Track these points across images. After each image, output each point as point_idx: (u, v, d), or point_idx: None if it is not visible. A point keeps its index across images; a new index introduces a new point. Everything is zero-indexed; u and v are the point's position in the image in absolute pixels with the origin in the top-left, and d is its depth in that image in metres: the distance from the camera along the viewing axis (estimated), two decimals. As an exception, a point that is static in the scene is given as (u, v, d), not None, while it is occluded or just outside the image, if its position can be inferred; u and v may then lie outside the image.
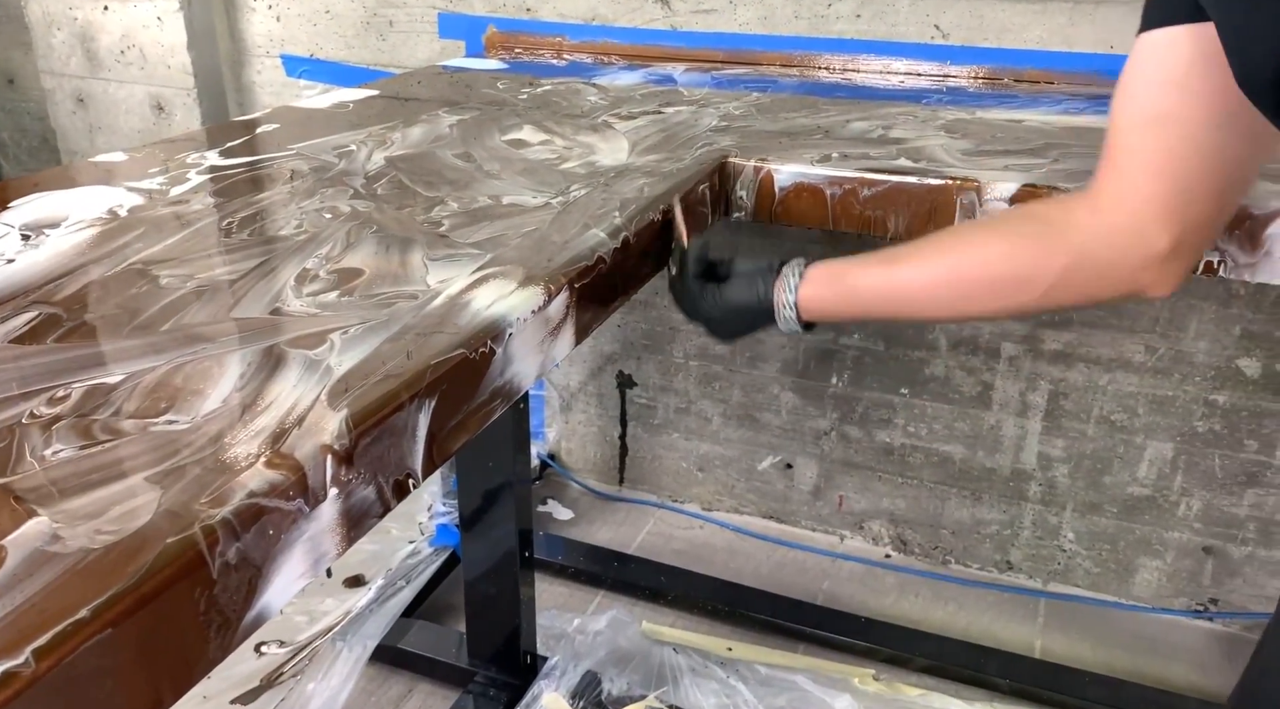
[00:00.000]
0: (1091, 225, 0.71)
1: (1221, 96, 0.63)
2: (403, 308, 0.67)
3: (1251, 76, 0.60)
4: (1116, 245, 0.69)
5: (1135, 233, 0.68)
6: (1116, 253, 0.70)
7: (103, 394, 0.55)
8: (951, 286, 0.78)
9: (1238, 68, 0.60)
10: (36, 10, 1.96)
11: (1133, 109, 0.68)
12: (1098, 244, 0.70)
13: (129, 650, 0.41)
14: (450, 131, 1.13)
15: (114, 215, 0.84)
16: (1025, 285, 0.74)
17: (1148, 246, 0.68)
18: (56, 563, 0.42)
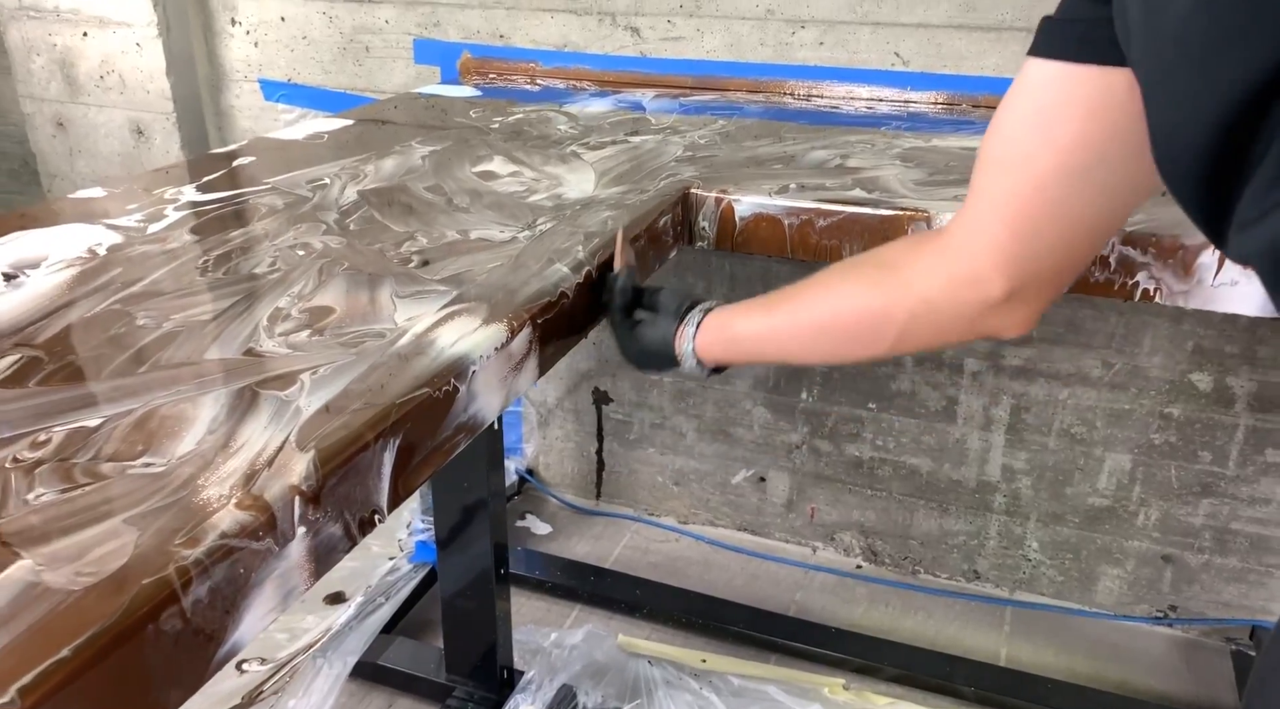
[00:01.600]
0: (934, 270, 0.70)
1: (1082, 149, 0.59)
2: (370, 347, 0.70)
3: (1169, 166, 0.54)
4: (955, 293, 0.68)
5: (972, 281, 0.67)
6: (955, 301, 0.69)
7: (83, 437, 0.59)
8: (815, 334, 0.79)
9: (1157, 151, 0.54)
10: (16, 36, 1.98)
11: (993, 144, 0.65)
12: (938, 291, 0.69)
13: (109, 686, 0.44)
14: (423, 163, 1.17)
15: (93, 254, 0.87)
16: (876, 334, 0.74)
17: (984, 294, 0.67)
18: (40, 604, 0.45)
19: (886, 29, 1.50)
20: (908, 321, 0.72)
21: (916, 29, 1.48)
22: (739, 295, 0.89)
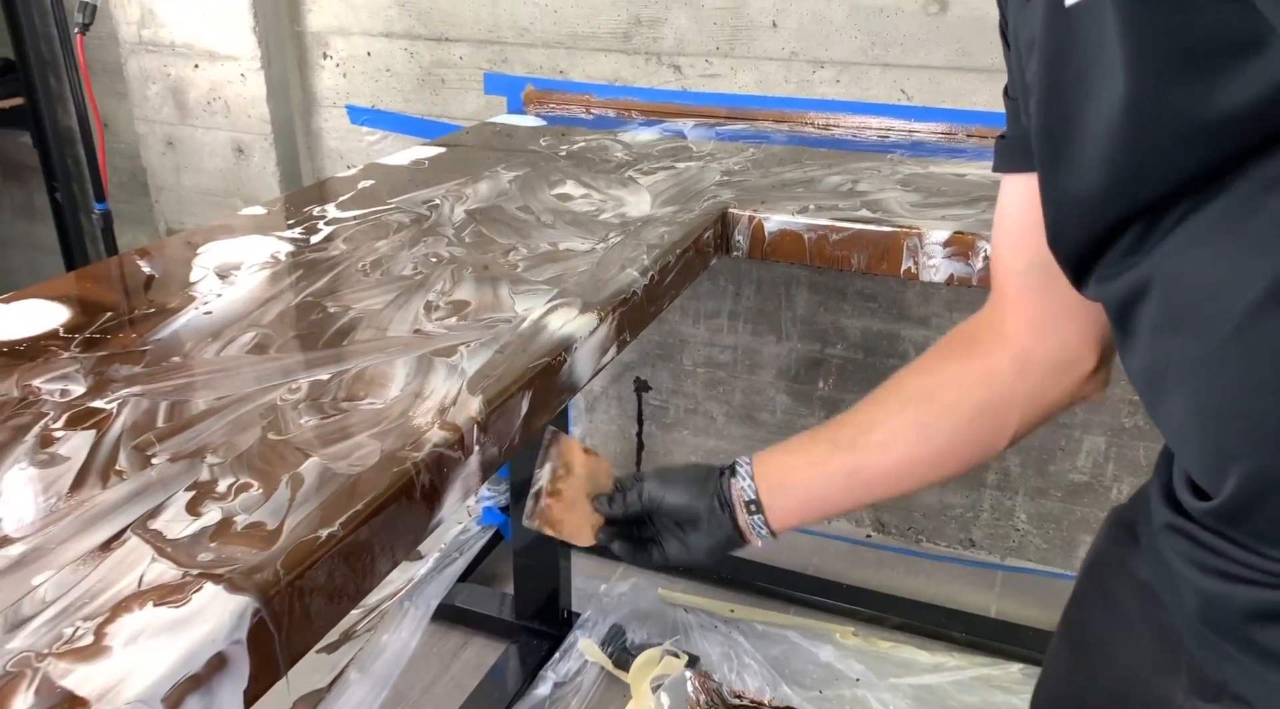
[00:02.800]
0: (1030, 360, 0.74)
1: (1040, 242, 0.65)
2: (502, 329, 0.97)
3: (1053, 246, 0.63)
4: (1054, 379, 0.73)
5: (1069, 364, 0.72)
6: (1055, 385, 0.74)
7: (320, 387, 0.86)
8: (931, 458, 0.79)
9: (1047, 236, 0.63)
10: (135, 67, 2.27)
11: (1000, 254, 0.74)
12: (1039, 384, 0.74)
13: (379, 529, 0.71)
14: (510, 186, 1.44)
15: (276, 260, 1.14)
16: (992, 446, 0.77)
17: (1080, 369, 0.73)
18: (332, 482, 0.72)
19: (894, 69, 1.75)
20: (1020, 423, 0.75)
21: (920, 70, 1.74)
22: (763, 297, 1.15)
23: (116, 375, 0.87)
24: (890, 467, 0.78)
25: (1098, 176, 0.56)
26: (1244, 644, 0.58)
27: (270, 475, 0.72)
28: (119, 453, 0.75)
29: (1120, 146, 0.53)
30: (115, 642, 0.56)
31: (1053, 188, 0.62)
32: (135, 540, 0.65)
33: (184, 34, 2.17)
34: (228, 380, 0.86)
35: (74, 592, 0.60)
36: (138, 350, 0.91)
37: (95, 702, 0.52)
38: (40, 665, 0.54)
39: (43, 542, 0.65)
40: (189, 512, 0.68)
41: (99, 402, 0.82)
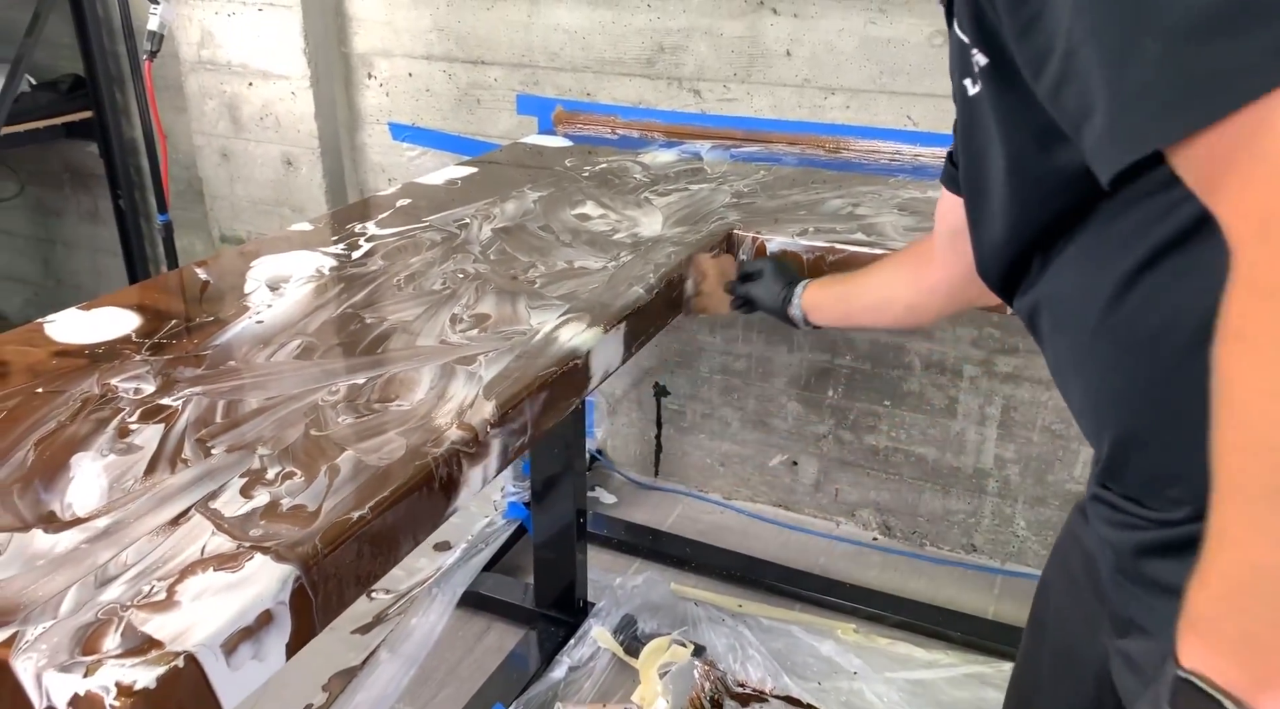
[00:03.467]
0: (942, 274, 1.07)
1: None
2: (518, 340, 1.09)
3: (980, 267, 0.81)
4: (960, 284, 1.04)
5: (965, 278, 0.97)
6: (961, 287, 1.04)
7: (356, 390, 0.98)
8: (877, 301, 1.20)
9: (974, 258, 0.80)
10: (194, 84, 2.43)
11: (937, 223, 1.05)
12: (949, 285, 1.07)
13: (402, 514, 0.83)
14: (535, 206, 1.56)
15: (320, 274, 1.28)
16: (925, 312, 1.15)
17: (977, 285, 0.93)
18: (364, 472, 0.84)
19: (901, 97, 1.85)
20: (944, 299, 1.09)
21: (925, 97, 1.83)
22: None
23: (181, 376, 1.00)
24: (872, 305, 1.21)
25: (999, 227, 0.73)
26: (1139, 579, 0.70)
27: (311, 465, 0.85)
28: (184, 444, 0.88)
29: (1008, 203, 0.70)
30: (184, 598, 0.68)
31: (976, 238, 0.80)
32: (198, 517, 0.78)
33: (240, 54, 2.33)
34: (277, 382, 0.99)
35: (149, 557, 0.73)
36: (199, 354, 1.05)
37: (169, 643, 0.64)
38: (124, 615, 0.67)
39: (123, 517, 0.78)
40: (242, 494, 0.80)
41: (167, 399, 0.95)
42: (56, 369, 1.01)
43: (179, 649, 0.64)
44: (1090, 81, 0.51)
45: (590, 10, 2.02)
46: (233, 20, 2.30)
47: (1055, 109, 0.57)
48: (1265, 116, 0.44)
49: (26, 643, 0.64)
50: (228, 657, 0.66)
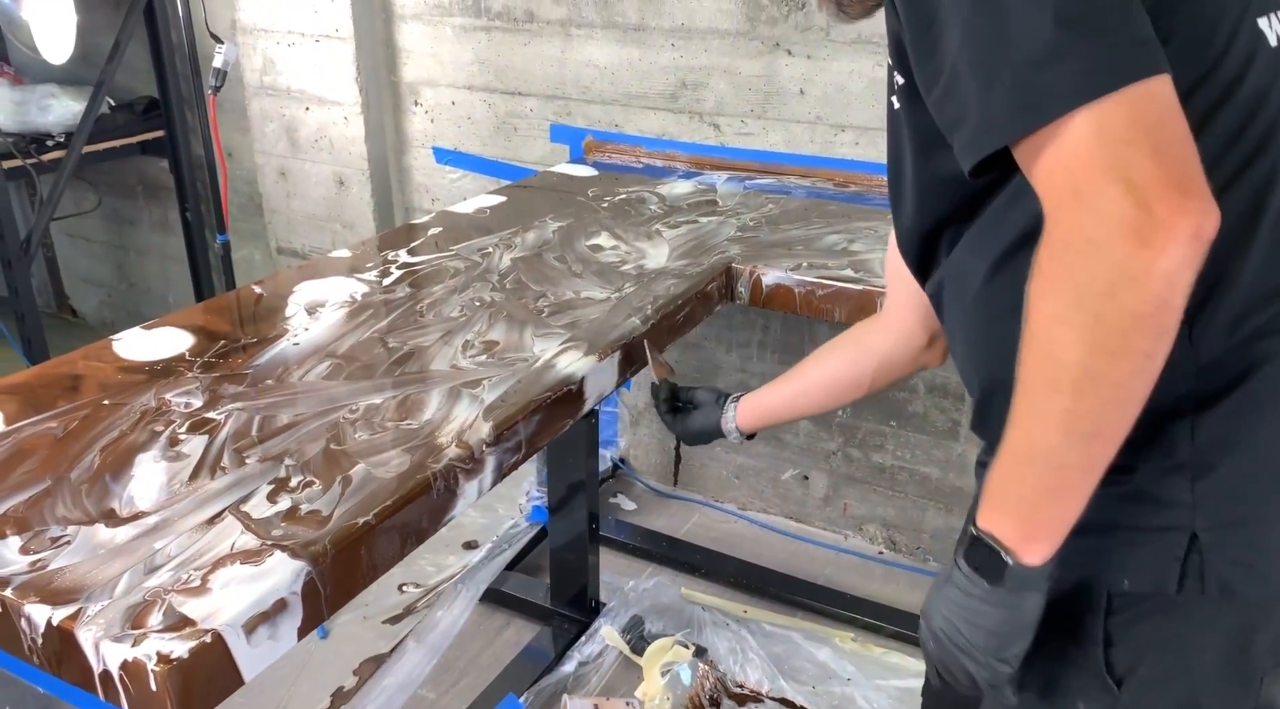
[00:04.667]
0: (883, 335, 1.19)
1: None
2: (520, 366, 1.22)
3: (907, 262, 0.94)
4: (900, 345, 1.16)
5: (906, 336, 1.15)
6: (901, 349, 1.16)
7: (374, 409, 1.12)
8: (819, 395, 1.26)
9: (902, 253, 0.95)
10: (256, 107, 2.62)
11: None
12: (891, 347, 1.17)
13: (402, 521, 0.96)
14: (553, 236, 1.70)
15: (353, 299, 1.43)
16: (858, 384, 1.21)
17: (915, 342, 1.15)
18: (371, 483, 0.98)
19: (907, 133, 1.95)
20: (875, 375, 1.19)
21: (930, 134, 1.93)
22: (789, 330, 1.37)
23: (225, 393, 1.15)
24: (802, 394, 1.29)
25: (910, 218, 0.90)
26: None
27: (328, 476, 0.99)
28: (224, 454, 1.03)
29: (915, 199, 0.88)
30: (214, 585, 0.83)
31: (897, 227, 0.95)
32: (230, 518, 0.92)
33: (298, 81, 2.51)
34: (305, 400, 1.14)
35: (189, 550, 0.88)
36: (242, 373, 1.20)
37: (200, 622, 0.79)
38: (166, 597, 0.81)
39: (169, 515, 0.93)
40: (269, 500, 0.95)
41: (212, 413, 1.11)
42: (121, 383, 1.17)
43: (208, 627, 0.78)
44: (965, 98, 0.68)
45: (619, 48, 2.15)
46: (293, 50, 2.48)
47: (939, 118, 0.72)
48: (1070, 122, 0.64)
49: (88, 617, 0.79)
50: (247, 635, 0.81)
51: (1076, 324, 0.65)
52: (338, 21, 2.38)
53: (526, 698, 1.81)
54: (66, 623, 0.78)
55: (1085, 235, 0.64)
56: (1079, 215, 0.64)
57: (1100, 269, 0.63)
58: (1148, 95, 0.63)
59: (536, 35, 2.24)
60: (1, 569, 0.84)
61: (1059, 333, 0.66)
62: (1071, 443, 0.69)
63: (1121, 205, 0.62)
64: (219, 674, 0.79)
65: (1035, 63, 0.64)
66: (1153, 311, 0.63)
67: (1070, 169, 0.64)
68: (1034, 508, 0.73)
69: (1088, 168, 0.63)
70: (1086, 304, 0.64)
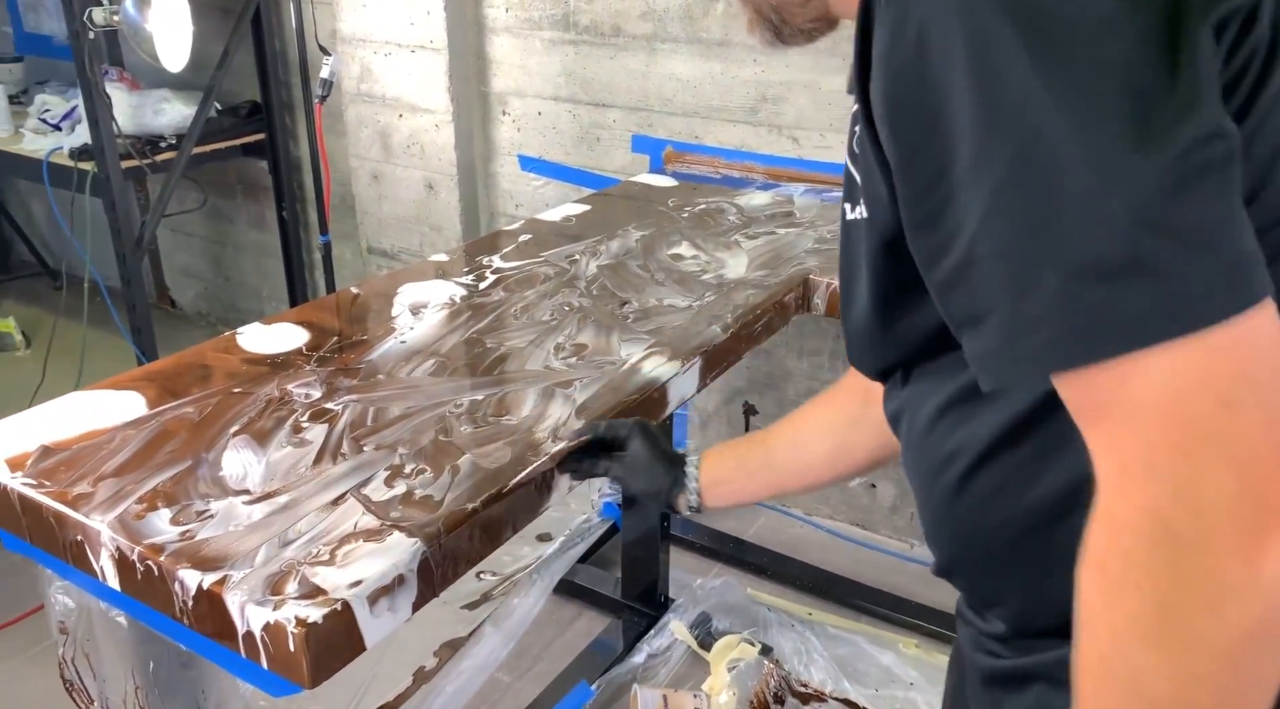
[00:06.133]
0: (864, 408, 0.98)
1: None
2: (608, 369, 1.30)
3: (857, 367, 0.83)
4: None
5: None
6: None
7: (476, 405, 1.21)
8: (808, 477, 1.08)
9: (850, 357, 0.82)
10: (352, 113, 2.76)
11: None
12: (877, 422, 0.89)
13: (505, 508, 1.05)
14: (636, 245, 1.78)
15: (453, 301, 1.52)
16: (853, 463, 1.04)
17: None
18: (478, 472, 1.07)
19: (985, 150, 1.98)
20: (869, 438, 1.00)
21: (1008, 152, 1.96)
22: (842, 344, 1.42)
23: (341, 386, 1.25)
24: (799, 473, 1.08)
25: (857, 352, 0.80)
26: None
27: (439, 464, 1.08)
28: (343, 442, 1.12)
29: (866, 337, 0.75)
30: (341, 559, 0.92)
31: (847, 335, 0.81)
32: (352, 501, 1.02)
33: (393, 90, 2.63)
34: (414, 395, 1.23)
35: (317, 528, 0.97)
36: (355, 368, 1.30)
37: (330, 591, 0.88)
38: (300, 568, 0.91)
39: (297, 496, 1.03)
40: (386, 484, 1.04)
41: (330, 404, 1.21)
42: (247, 374, 1.28)
43: (338, 597, 0.87)
44: (986, 294, 0.51)
45: (702, 62, 2.22)
46: (389, 59, 2.61)
47: (941, 303, 0.56)
48: (1140, 365, 0.47)
49: (233, 583, 0.89)
50: (370, 606, 0.90)
51: (1164, 646, 0.48)
52: (432, 33, 2.49)
53: (597, 686, 1.89)
54: (215, 587, 0.88)
55: (1168, 527, 0.47)
56: (1157, 498, 0.47)
57: (1195, 576, 0.47)
58: (1252, 334, 0.46)
59: (622, 49, 2.33)
60: (156, 537, 0.95)
61: (1138, 657, 0.49)
62: None
63: (1222, 490, 0.46)
64: (346, 640, 0.88)
65: (1099, 273, 0.47)
66: (1271, 628, 0.47)
67: (1144, 432, 0.48)
68: None
69: (1170, 433, 0.47)
70: (1175, 622, 0.48)
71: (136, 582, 0.94)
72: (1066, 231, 0.47)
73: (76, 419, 1.15)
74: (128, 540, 0.94)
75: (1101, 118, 0.47)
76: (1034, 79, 0.47)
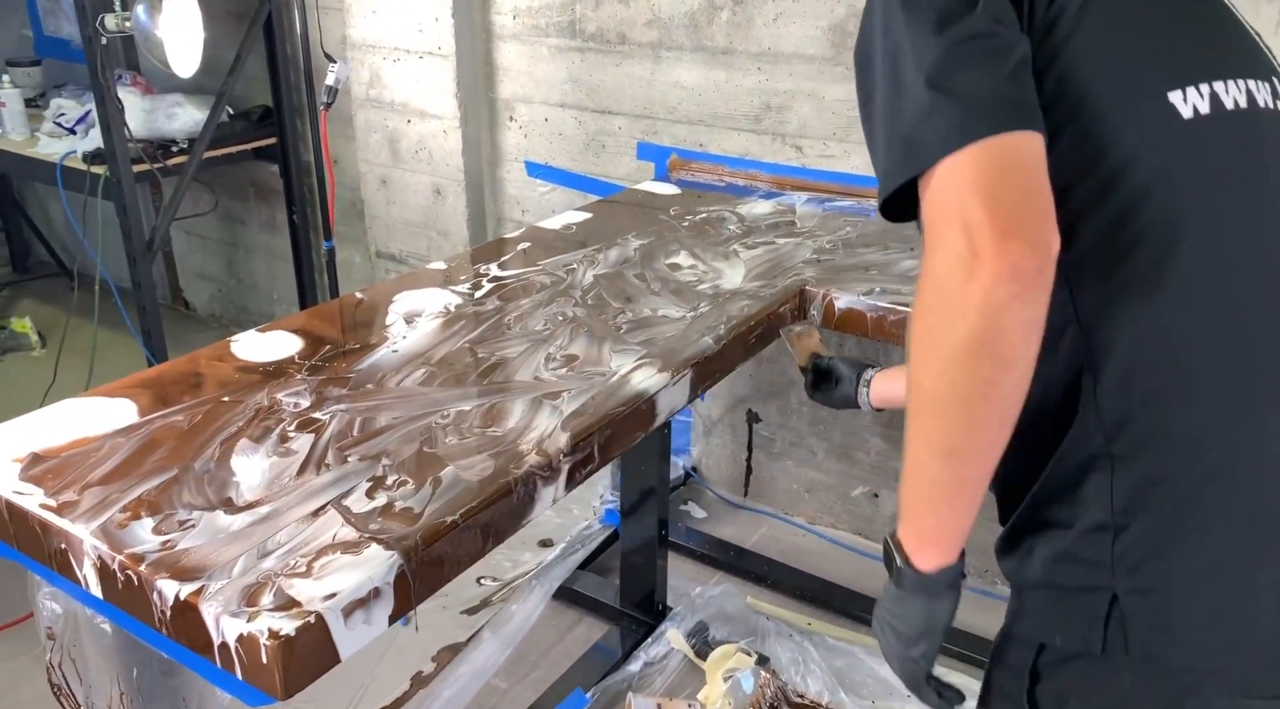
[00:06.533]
0: None
1: None
2: (597, 380, 1.30)
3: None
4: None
5: None
6: None
7: (462, 415, 1.22)
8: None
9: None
10: (361, 118, 2.77)
11: None
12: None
13: (485, 521, 1.05)
14: (634, 254, 1.78)
15: (448, 310, 1.53)
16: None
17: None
18: (459, 484, 1.07)
19: (989, 160, 1.97)
20: None
21: (1012, 162, 1.94)
22: (864, 348, 1.42)
23: (330, 395, 1.26)
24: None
25: None
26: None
27: (421, 476, 1.08)
28: (328, 452, 1.13)
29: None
30: (317, 571, 0.93)
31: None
32: (333, 512, 1.02)
33: (402, 95, 2.65)
34: (402, 405, 1.24)
35: (296, 539, 0.98)
36: (345, 377, 1.31)
37: (305, 604, 0.88)
38: (276, 580, 0.91)
39: (279, 506, 1.03)
40: (367, 496, 1.05)
41: (318, 413, 1.21)
42: (238, 382, 1.29)
43: (312, 609, 0.88)
44: (878, 157, 0.81)
45: (707, 70, 2.22)
46: (398, 65, 2.62)
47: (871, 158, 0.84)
48: (932, 173, 0.73)
49: (210, 594, 0.89)
50: (345, 618, 0.90)
51: (928, 351, 0.74)
52: (440, 40, 2.50)
53: (593, 693, 1.89)
54: (192, 598, 0.89)
55: (935, 272, 0.72)
56: (933, 255, 0.72)
57: (941, 303, 0.72)
58: (997, 149, 0.71)
59: (628, 57, 2.33)
60: (137, 546, 0.95)
61: (917, 358, 0.75)
62: (935, 460, 0.78)
63: (957, 245, 0.69)
64: (319, 651, 0.89)
65: (916, 122, 0.74)
66: (983, 340, 0.70)
67: (930, 212, 0.73)
68: (920, 518, 0.84)
69: (941, 213, 0.72)
70: (932, 334, 0.73)
71: (118, 590, 0.95)
72: (904, 103, 0.76)
73: (68, 426, 1.17)
74: (109, 549, 0.95)
75: (922, 26, 0.76)
76: (901, 19, 0.77)
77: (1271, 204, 0.81)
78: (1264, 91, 0.83)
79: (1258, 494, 0.79)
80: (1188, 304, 0.78)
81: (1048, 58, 0.79)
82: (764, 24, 2.12)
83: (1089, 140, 0.78)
